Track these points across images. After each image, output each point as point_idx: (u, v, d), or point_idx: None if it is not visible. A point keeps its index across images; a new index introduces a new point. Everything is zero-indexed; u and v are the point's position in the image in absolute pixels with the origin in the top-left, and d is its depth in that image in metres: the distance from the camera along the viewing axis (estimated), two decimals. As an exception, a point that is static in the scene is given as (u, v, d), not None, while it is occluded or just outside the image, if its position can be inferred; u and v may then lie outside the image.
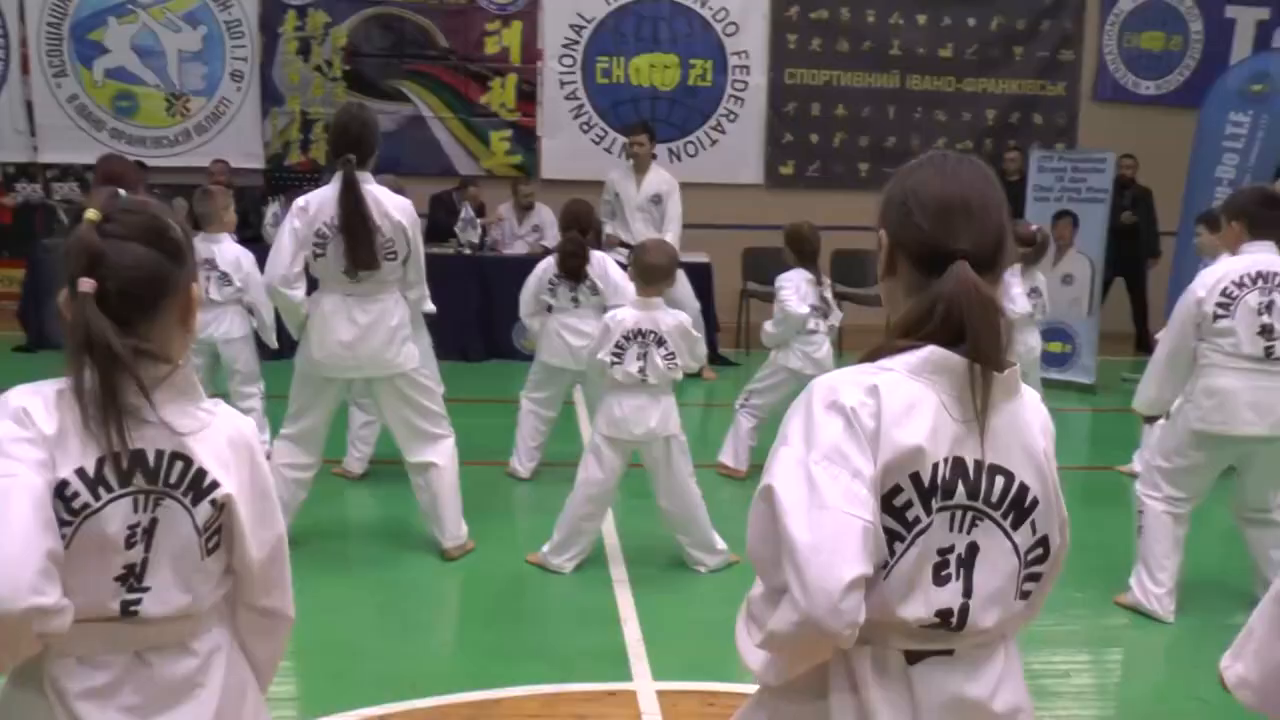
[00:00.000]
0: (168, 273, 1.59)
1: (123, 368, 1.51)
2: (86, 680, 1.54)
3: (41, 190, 10.97)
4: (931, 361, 1.49)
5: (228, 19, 10.60)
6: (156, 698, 1.58)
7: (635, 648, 3.82)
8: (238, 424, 1.67)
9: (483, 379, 8.30)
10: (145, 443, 1.54)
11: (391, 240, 4.30)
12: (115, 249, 1.54)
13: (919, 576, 1.47)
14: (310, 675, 3.67)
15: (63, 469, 1.50)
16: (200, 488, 1.57)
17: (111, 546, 1.52)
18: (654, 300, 4.44)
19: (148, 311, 1.57)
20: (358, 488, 5.63)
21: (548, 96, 10.58)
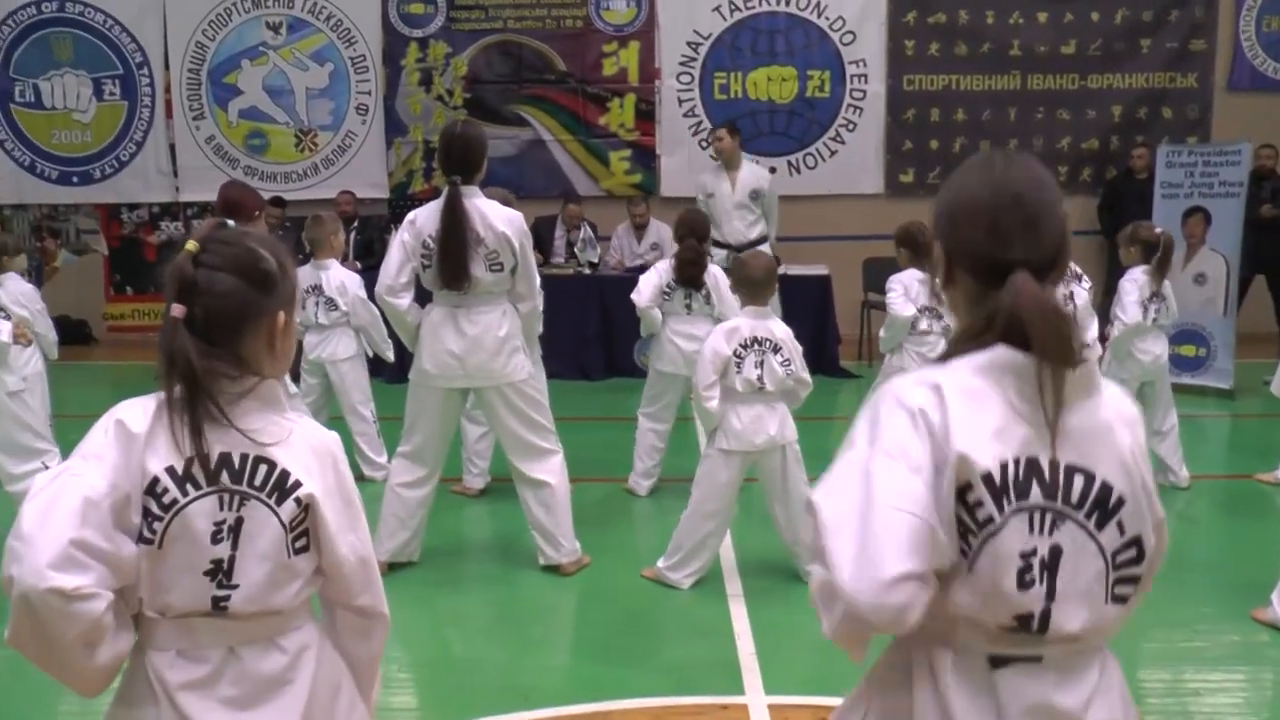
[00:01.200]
0: (253, 300, 1.69)
1: (200, 384, 1.64)
2: (187, 672, 1.66)
3: (183, 228, 11.55)
4: (998, 362, 1.48)
5: (352, 55, 11.01)
6: (251, 691, 1.67)
7: (748, 661, 3.83)
8: (319, 434, 1.77)
9: (603, 396, 8.40)
10: (230, 446, 1.66)
11: (496, 252, 4.39)
12: (206, 278, 1.66)
13: (1000, 580, 1.45)
14: (429, 687, 3.80)
15: (154, 466, 1.64)
16: (284, 488, 1.66)
17: (199, 541, 1.64)
18: (764, 309, 4.46)
19: (231, 335, 1.68)
20: (476, 505, 5.77)
21: (666, 115, 10.69)
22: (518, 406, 4.57)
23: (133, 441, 1.65)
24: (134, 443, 1.65)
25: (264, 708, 1.68)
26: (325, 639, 1.81)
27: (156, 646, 1.67)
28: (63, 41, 11.34)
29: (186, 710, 1.65)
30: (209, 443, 1.64)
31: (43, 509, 1.56)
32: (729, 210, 8.27)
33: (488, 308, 4.48)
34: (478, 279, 4.40)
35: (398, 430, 4.80)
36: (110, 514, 1.60)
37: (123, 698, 1.71)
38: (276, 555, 1.67)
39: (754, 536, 4.96)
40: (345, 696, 1.82)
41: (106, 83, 11.35)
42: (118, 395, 5.29)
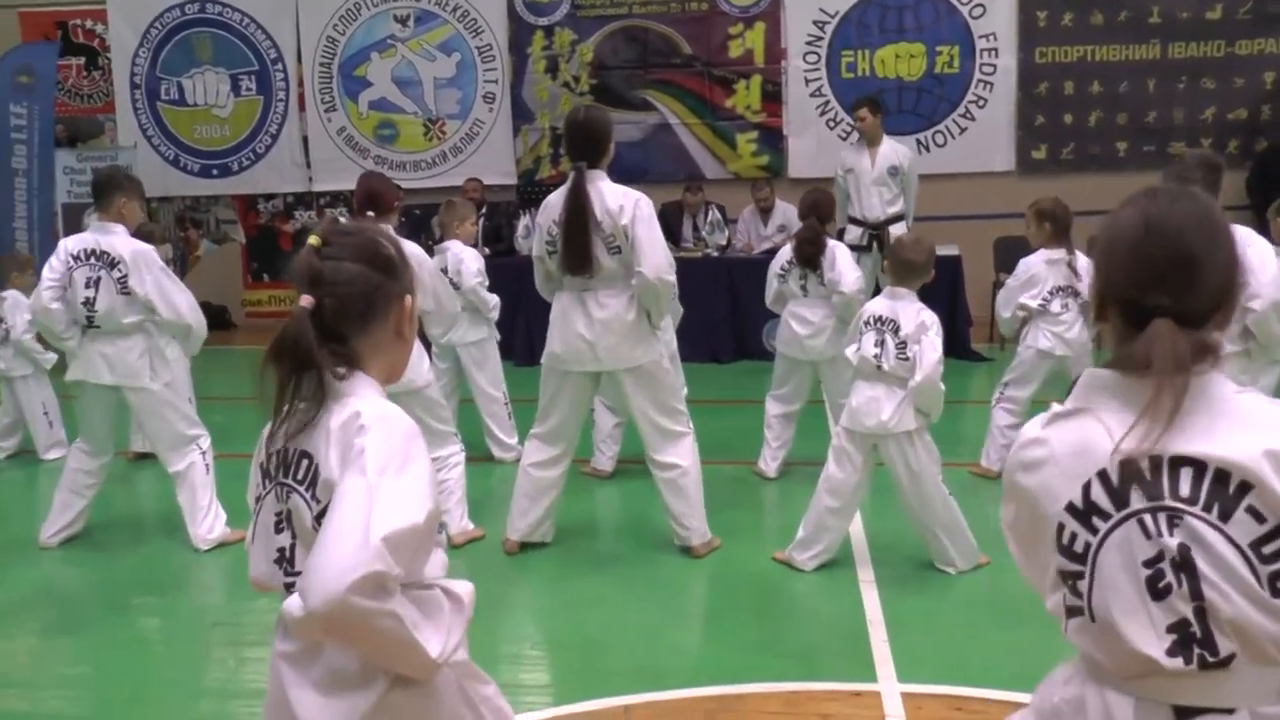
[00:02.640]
0: (380, 286, 1.74)
1: (313, 373, 1.67)
2: (286, 644, 1.73)
3: (316, 217, 11.91)
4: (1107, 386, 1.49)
5: (479, 44, 11.17)
6: (331, 680, 1.68)
7: (880, 648, 3.80)
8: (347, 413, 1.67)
9: (732, 379, 8.41)
10: (295, 443, 1.70)
11: (613, 235, 4.41)
12: (332, 268, 1.71)
13: (1133, 596, 1.42)
14: (562, 666, 3.87)
15: (255, 466, 1.78)
16: (314, 480, 1.68)
17: (269, 531, 1.74)
18: (902, 291, 4.40)
19: (359, 323, 1.72)
20: (606, 486, 5.83)
21: (792, 95, 10.59)
22: (650, 390, 4.59)
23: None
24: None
25: (338, 700, 1.67)
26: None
27: (279, 617, 1.75)
28: (203, 41, 11.77)
29: (283, 678, 1.72)
30: (288, 435, 1.70)
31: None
32: (867, 186, 8.20)
33: (615, 291, 4.50)
34: (600, 263, 4.43)
35: (528, 412, 4.87)
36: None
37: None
38: (310, 545, 1.68)
39: (886, 523, 4.91)
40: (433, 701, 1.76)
41: (243, 79, 11.75)
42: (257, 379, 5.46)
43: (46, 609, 4.61)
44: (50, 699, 3.76)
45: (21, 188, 10.45)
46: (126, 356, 4.84)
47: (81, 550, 5.11)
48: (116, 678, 3.88)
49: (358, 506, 1.53)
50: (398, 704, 1.67)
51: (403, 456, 1.60)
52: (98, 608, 4.57)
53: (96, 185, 5.00)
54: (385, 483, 1.56)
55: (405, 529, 1.53)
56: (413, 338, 1.83)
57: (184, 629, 4.33)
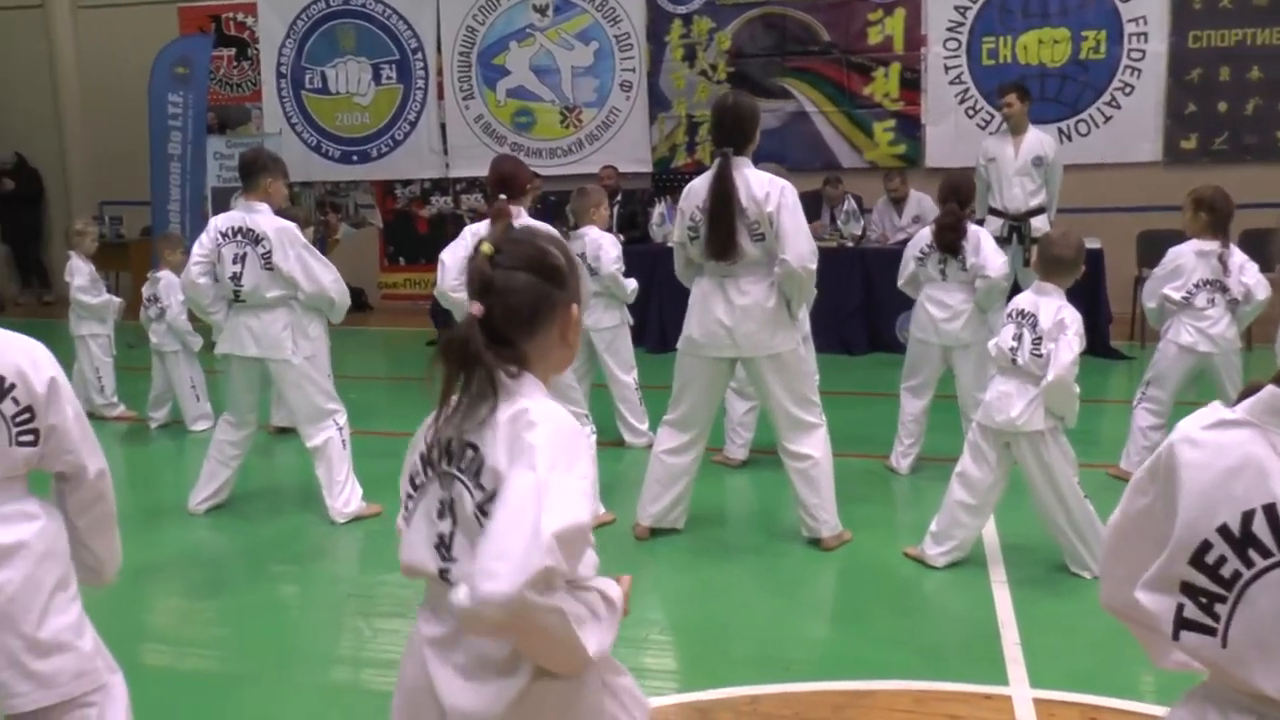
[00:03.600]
0: (548, 295, 1.77)
1: (480, 373, 1.71)
2: (432, 628, 1.79)
3: (451, 202, 12.14)
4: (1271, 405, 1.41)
5: (617, 33, 11.21)
6: (477, 666, 1.73)
7: (1012, 651, 3.70)
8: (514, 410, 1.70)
9: (864, 371, 8.30)
10: (456, 432, 1.74)
11: (757, 222, 4.38)
12: (503, 277, 1.74)
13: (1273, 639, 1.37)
14: (690, 653, 3.86)
15: (413, 454, 1.83)
16: (477, 471, 1.71)
17: (430, 517, 1.78)
18: (1049, 287, 4.27)
19: (526, 330, 1.76)
20: (738, 475, 5.81)
21: (932, 83, 10.38)
22: (785, 379, 4.56)
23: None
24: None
25: (484, 686, 1.71)
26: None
27: (423, 601, 1.83)
28: (347, 31, 12.09)
29: (429, 661, 1.76)
30: (449, 429, 1.74)
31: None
32: (1009, 176, 7.96)
33: (756, 278, 4.47)
34: (743, 249, 4.41)
35: (658, 399, 4.87)
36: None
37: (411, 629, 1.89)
38: (473, 535, 1.71)
39: (1020, 523, 4.78)
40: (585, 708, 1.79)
41: (384, 68, 12.03)
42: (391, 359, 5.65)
43: (191, 572, 4.81)
44: (191, 657, 3.91)
45: (176, 172, 10.90)
46: (270, 329, 5.01)
47: (225, 518, 5.31)
48: (254, 641, 4.02)
49: (528, 502, 1.54)
50: (543, 691, 1.70)
51: (570, 454, 1.62)
52: (239, 573, 4.74)
53: (244, 166, 5.16)
54: (555, 479, 1.57)
55: (573, 526, 1.54)
56: (577, 343, 1.86)
57: (320, 598, 4.46)
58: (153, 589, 4.55)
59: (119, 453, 6.80)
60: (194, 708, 3.41)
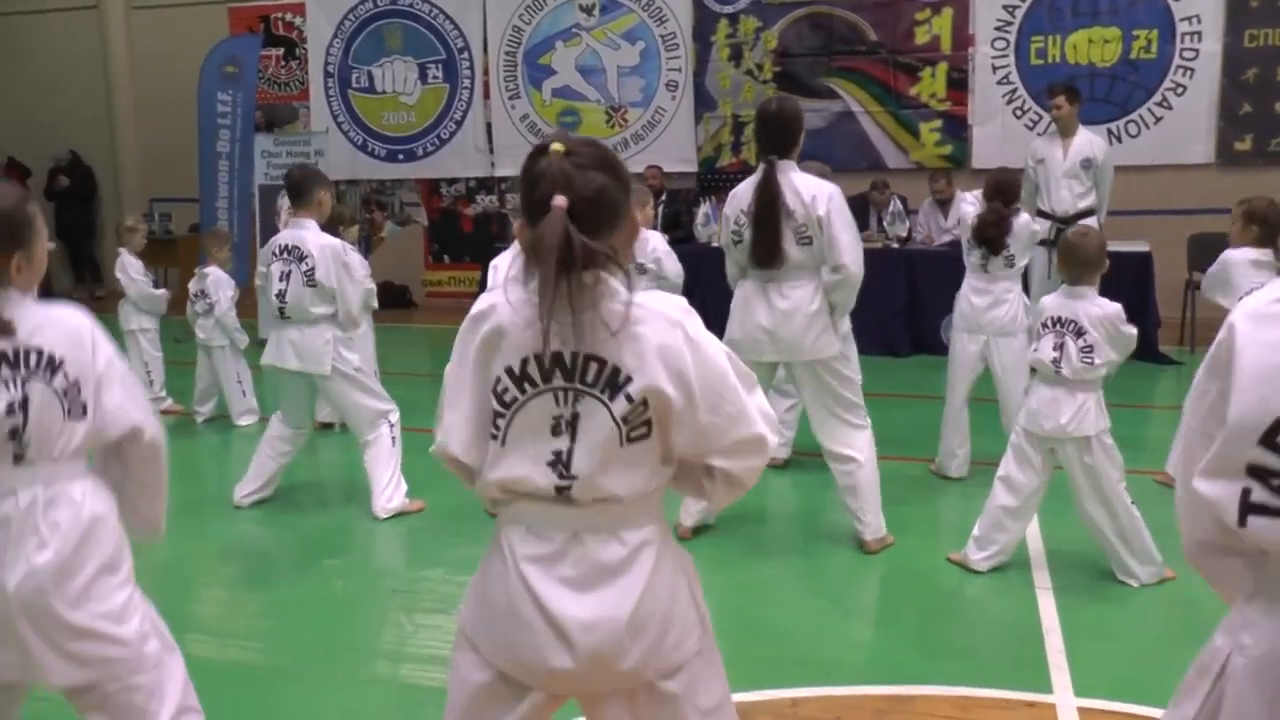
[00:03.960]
0: (619, 198, 1.80)
1: (574, 274, 1.71)
2: (534, 547, 1.80)
3: (496, 201, 12.19)
4: None
5: (663, 33, 11.21)
6: (588, 575, 1.78)
7: (1056, 659, 3.66)
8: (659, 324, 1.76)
9: (908, 373, 8.25)
10: (566, 345, 1.74)
11: (805, 226, 4.36)
12: (580, 175, 1.76)
13: None
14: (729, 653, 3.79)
15: (496, 367, 1.79)
16: (615, 383, 1.73)
17: (539, 434, 1.77)
18: (1081, 289, 4.21)
19: (602, 229, 1.76)
20: (779, 476, 5.78)
21: (979, 83, 10.30)
22: (828, 383, 4.54)
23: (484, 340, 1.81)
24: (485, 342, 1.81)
25: (597, 592, 1.78)
26: (669, 540, 1.88)
27: (511, 520, 1.83)
28: (393, 31, 12.17)
29: (530, 580, 1.79)
30: (557, 338, 1.72)
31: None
32: (1058, 178, 7.88)
33: (799, 282, 4.45)
34: (788, 254, 4.39)
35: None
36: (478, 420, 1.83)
37: (485, 562, 1.91)
38: (610, 446, 1.74)
39: (1065, 529, 4.73)
40: (683, 600, 1.88)
41: (430, 67, 12.10)
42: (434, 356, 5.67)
43: (236, 564, 4.86)
44: (235, 648, 3.95)
45: (224, 170, 11.02)
46: (313, 344, 5.08)
47: (269, 512, 5.36)
48: (298, 634, 4.05)
49: (738, 388, 1.80)
50: (653, 588, 1.79)
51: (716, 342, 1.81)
52: (282, 567, 4.79)
53: (293, 185, 5.24)
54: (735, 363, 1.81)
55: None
56: (631, 255, 1.91)
57: (363, 592, 4.50)
58: (197, 580, 4.61)
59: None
60: (236, 699, 3.44)
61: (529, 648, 1.80)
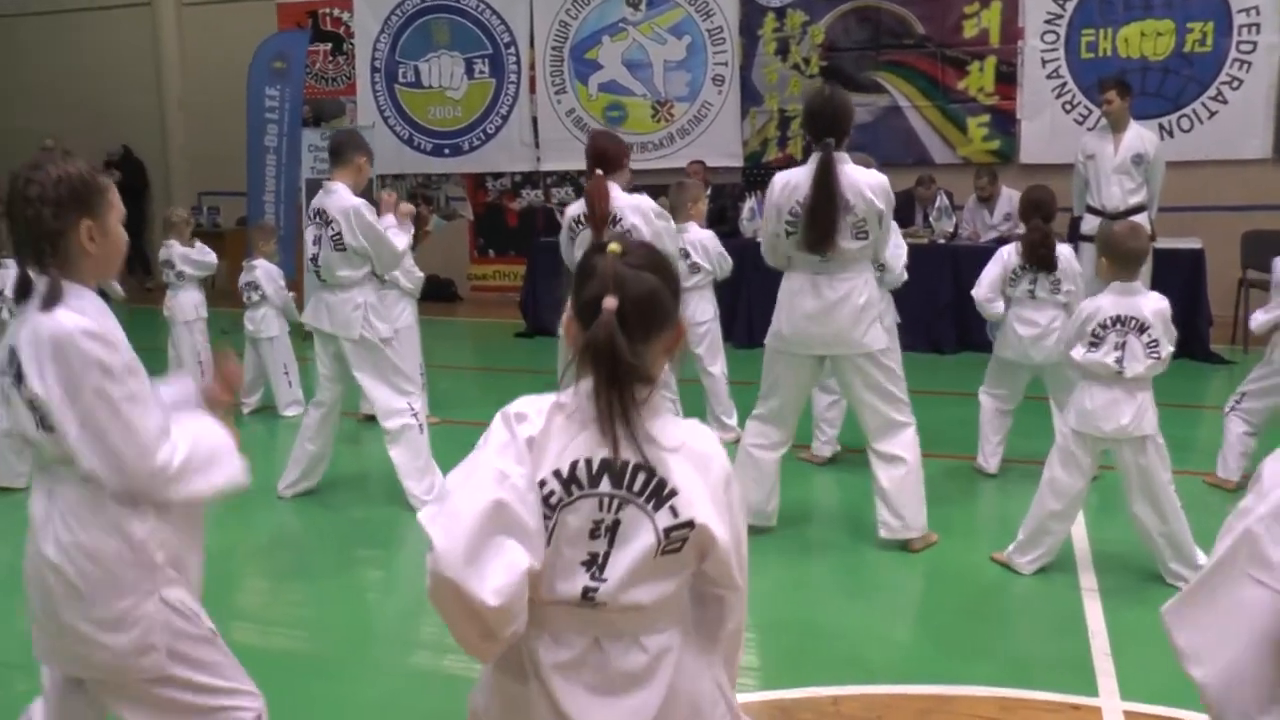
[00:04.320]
0: (668, 303, 1.78)
1: (626, 381, 1.71)
2: (556, 654, 1.77)
3: (541, 195, 12.22)
4: None
5: (710, 27, 11.17)
6: (611, 681, 1.77)
7: (1102, 662, 3.60)
8: (704, 443, 1.80)
9: (953, 371, 8.17)
10: (617, 453, 1.74)
11: (864, 220, 4.33)
12: (633, 277, 1.74)
13: None
14: (772, 651, 3.83)
15: (542, 470, 1.74)
16: (661, 496, 1.73)
17: (577, 537, 1.75)
18: (1133, 285, 4.14)
19: (647, 335, 1.75)
20: (823, 472, 5.76)
21: (1028, 77, 10.18)
22: (874, 378, 4.50)
23: (528, 443, 1.75)
24: (528, 444, 1.75)
25: (621, 699, 1.76)
26: (690, 645, 1.85)
27: (534, 625, 1.78)
28: (440, 26, 12.23)
29: (553, 688, 1.76)
30: (613, 444, 1.72)
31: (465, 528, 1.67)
32: (1108, 174, 7.75)
33: (848, 275, 4.42)
34: (841, 245, 4.35)
35: (745, 394, 4.84)
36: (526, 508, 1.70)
37: (501, 667, 1.85)
38: (645, 557, 1.73)
39: (1112, 530, 4.67)
40: (709, 699, 1.86)
41: (477, 62, 12.15)
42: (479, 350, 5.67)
43: (280, 554, 4.91)
44: (279, 636, 3.99)
45: (271, 164, 11.13)
46: (343, 308, 5.11)
47: (312, 503, 5.41)
48: (339, 623, 4.08)
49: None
50: (676, 699, 1.78)
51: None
52: (325, 557, 4.83)
53: (335, 146, 5.29)
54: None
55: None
56: (669, 365, 1.86)
57: (403, 583, 4.52)
58: (242, 569, 4.65)
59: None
60: (279, 685, 3.45)
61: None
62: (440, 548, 1.66)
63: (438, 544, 1.67)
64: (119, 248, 2.22)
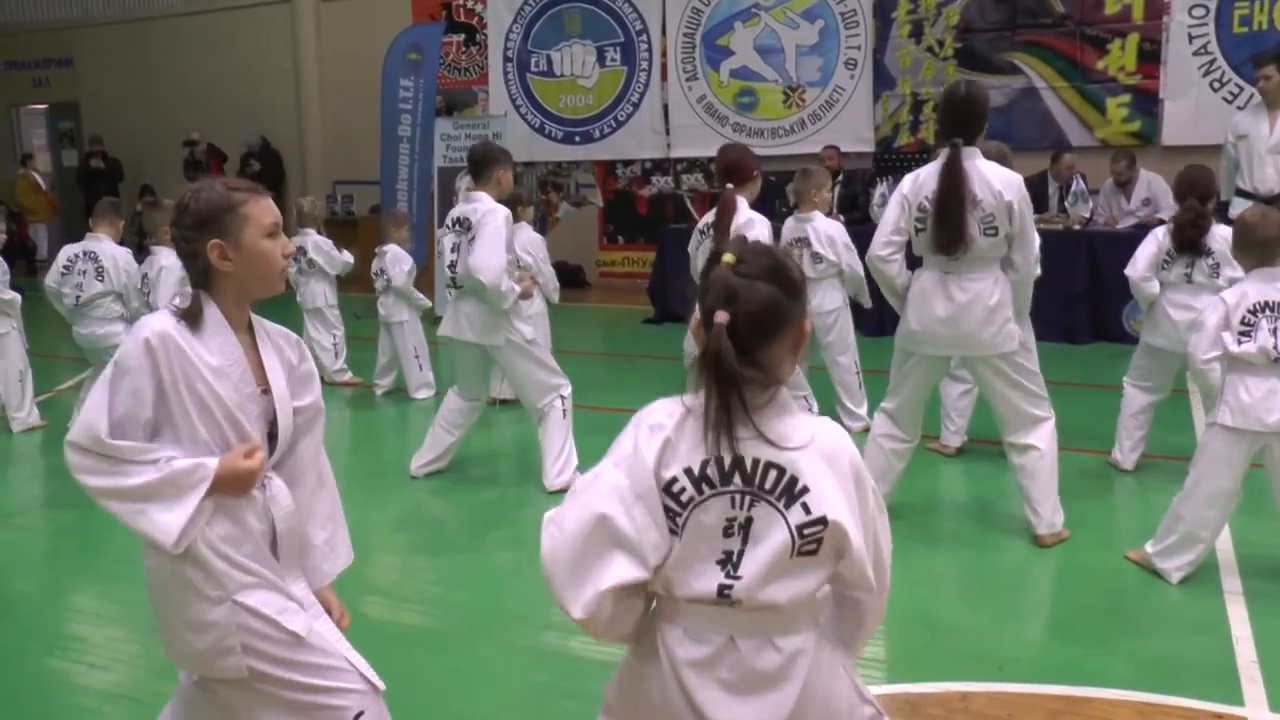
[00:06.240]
0: (786, 308, 1.79)
1: (735, 388, 1.73)
2: (691, 651, 1.80)
3: (672, 182, 12.22)
4: None
5: (843, 10, 11.02)
6: (746, 680, 1.78)
7: (1248, 669, 3.45)
8: (834, 439, 1.80)
9: (1087, 362, 7.92)
10: (746, 451, 1.76)
11: (992, 215, 4.22)
12: (746, 287, 1.76)
13: None
14: (898, 642, 3.77)
15: (674, 469, 1.77)
16: (792, 493, 1.75)
17: (712, 534, 1.77)
18: (1275, 270, 3.96)
19: (765, 340, 1.77)
20: (951, 464, 5.65)
21: (1173, 54, 9.79)
22: (1010, 377, 4.39)
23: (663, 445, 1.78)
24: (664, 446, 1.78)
25: (755, 699, 1.78)
26: (824, 646, 1.86)
27: (669, 620, 1.82)
28: (573, 16, 12.32)
29: (688, 684, 1.79)
30: (728, 445, 1.75)
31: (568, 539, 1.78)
32: (1262, 155, 7.36)
33: (979, 274, 4.32)
34: (972, 243, 4.25)
35: (876, 382, 4.76)
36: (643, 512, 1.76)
37: (638, 655, 1.89)
38: (780, 555, 1.75)
39: (1258, 530, 4.47)
40: (845, 702, 1.86)
41: (608, 50, 12.21)
42: (608, 335, 5.71)
43: (411, 532, 5.02)
44: (408, 612, 4.09)
45: (405, 153, 11.38)
46: (485, 316, 5.17)
47: (444, 483, 5.52)
48: (468, 601, 4.16)
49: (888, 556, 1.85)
50: (811, 697, 1.79)
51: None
52: (456, 535, 4.94)
53: (475, 160, 5.33)
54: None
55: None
56: (797, 361, 1.88)
57: (533, 565, 4.54)
58: (374, 546, 4.77)
59: (346, 416, 7.18)
60: (409, 659, 3.56)
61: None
62: (545, 553, 1.80)
63: (544, 549, 1.81)
64: (264, 262, 2.24)
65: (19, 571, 4.66)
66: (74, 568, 4.66)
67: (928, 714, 3.21)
